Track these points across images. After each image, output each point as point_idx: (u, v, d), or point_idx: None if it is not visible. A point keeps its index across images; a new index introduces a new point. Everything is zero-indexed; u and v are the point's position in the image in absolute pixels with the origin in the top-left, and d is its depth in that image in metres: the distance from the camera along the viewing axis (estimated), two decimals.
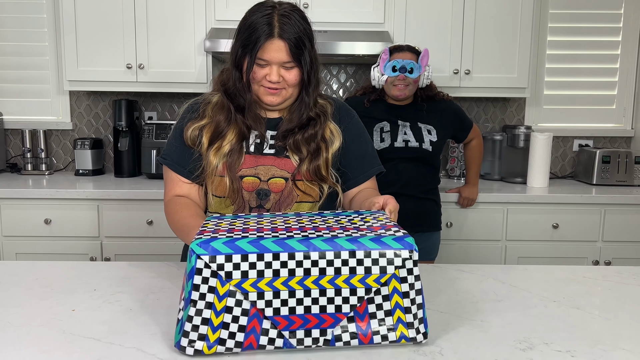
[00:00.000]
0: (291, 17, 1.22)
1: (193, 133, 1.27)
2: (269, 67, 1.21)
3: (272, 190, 1.26)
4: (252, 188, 1.26)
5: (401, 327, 0.84)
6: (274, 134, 1.29)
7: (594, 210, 2.48)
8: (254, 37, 1.20)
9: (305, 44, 1.23)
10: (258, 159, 1.27)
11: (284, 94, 1.25)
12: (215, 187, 1.25)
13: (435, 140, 2.10)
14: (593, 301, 1.09)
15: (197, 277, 0.79)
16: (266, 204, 1.27)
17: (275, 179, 1.26)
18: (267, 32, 1.19)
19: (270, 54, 1.20)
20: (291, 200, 1.28)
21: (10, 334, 0.89)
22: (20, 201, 2.38)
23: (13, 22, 2.89)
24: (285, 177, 1.26)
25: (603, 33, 2.98)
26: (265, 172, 1.26)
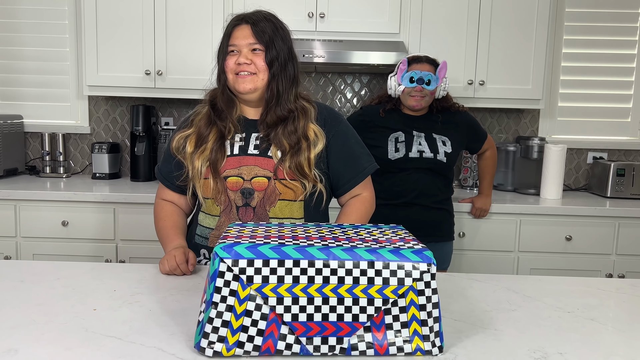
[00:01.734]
0: (260, 12, 1.38)
1: (178, 143, 1.38)
2: (238, 53, 1.32)
3: (256, 189, 1.31)
4: (236, 187, 1.32)
5: (417, 339, 0.85)
6: (258, 135, 1.36)
7: (608, 223, 2.46)
8: (225, 32, 1.35)
9: (271, 33, 1.33)
10: (241, 160, 1.33)
11: (255, 80, 1.32)
12: (203, 190, 1.34)
13: (449, 151, 2.10)
14: (607, 313, 1.09)
15: (219, 280, 0.81)
16: (251, 202, 1.32)
17: (258, 178, 1.31)
18: (235, 20, 1.35)
19: (237, 40, 1.32)
20: (274, 199, 1.32)
21: (34, 331, 0.91)
22: (38, 203, 2.43)
23: (35, 28, 2.96)
24: (267, 176, 1.31)
25: (618, 45, 2.98)
26: (248, 172, 1.32)
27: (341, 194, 1.44)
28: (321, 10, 2.60)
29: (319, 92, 3.03)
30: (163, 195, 1.48)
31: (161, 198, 1.48)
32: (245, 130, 1.37)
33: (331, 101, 3.03)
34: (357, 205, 1.43)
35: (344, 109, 3.04)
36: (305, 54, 2.48)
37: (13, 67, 2.99)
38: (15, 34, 2.96)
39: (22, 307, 1.02)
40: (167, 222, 1.43)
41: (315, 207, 1.39)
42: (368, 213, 1.45)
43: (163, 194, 1.48)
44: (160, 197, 1.49)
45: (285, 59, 1.34)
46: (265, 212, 1.33)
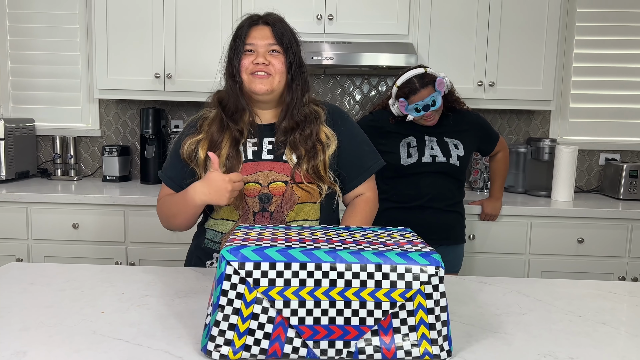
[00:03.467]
0: (274, 15, 1.38)
1: (189, 148, 1.34)
2: (255, 53, 1.31)
3: (274, 194, 1.31)
4: (253, 194, 1.31)
5: (425, 343, 0.84)
6: (271, 140, 1.35)
7: (621, 226, 2.43)
8: (239, 31, 1.33)
9: (289, 36, 1.34)
10: (257, 165, 1.32)
11: (271, 82, 1.30)
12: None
13: (462, 154, 2.09)
14: (619, 317, 1.07)
15: (225, 283, 0.81)
16: (269, 207, 1.31)
17: (275, 183, 1.31)
18: (252, 20, 1.34)
19: (255, 39, 1.31)
20: (293, 203, 1.32)
21: (43, 333, 0.92)
22: (49, 206, 2.45)
23: (47, 32, 2.99)
24: (285, 180, 1.31)
25: (630, 45, 2.95)
26: (265, 177, 1.31)
27: (345, 192, 1.43)
28: (330, 12, 2.60)
29: (328, 94, 3.02)
30: (168, 193, 1.42)
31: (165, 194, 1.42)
32: (257, 135, 1.35)
33: (340, 103, 3.03)
34: (362, 206, 1.42)
35: (352, 111, 3.03)
36: (314, 55, 2.48)
37: (25, 71, 3.03)
38: (27, 38, 3.00)
39: (32, 310, 1.03)
40: (174, 195, 1.37)
41: (329, 208, 1.39)
42: (372, 214, 1.45)
43: (168, 192, 1.42)
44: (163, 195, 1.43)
45: (300, 63, 1.35)
46: (283, 216, 1.32)
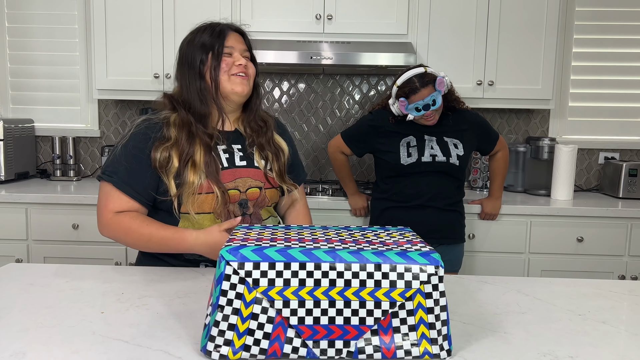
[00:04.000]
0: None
1: (163, 155, 1.28)
2: (234, 54, 1.36)
3: (250, 199, 1.36)
4: (234, 200, 1.34)
5: (425, 342, 0.84)
6: (239, 147, 1.39)
7: (620, 224, 2.43)
8: (216, 31, 1.35)
9: (251, 47, 1.44)
10: (235, 172, 1.35)
11: (249, 84, 1.38)
12: (199, 205, 1.29)
13: (462, 154, 2.09)
14: (619, 316, 1.07)
15: (225, 283, 0.81)
16: (247, 212, 1.36)
17: (252, 189, 1.37)
18: (227, 26, 1.38)
19: (233, 42, 1.37)
20: (263, 205, 1.40)
21: (42, 334, 0.92)
22: (49, 206, 2.45)
23: (46, 33, 2.98)
24: (259, 186, 1.38)
25: (629, 44, 2.95)
26: (243, 184, 1.35)
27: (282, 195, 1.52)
28: (329, 12, 2.60)
29: (327, 93, 3.02)
30: (116, 207, 1.29)
31: (113, 211, 1.29)
32: (225, 140, 1.37)
33: (339, 103, 3.03)
34: (306, 212, 1.57)
35: (352, 111, 3.03)
36: (313, 55, 2.48)
37: (24, 72, 3.02)
38: (25, 39, 2.99)
39: (31, 310, 1.03)
40: (153, 226, 1.27)
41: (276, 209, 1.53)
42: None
43: (115, 206, 1.29)
44: (112, 210, 1.29)
45: (257, 72, 1.44)
46: (258, 219, 1.39)
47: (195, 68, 1.34)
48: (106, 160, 1.33)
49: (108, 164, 1.32)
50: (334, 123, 3.04)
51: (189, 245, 1.26)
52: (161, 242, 1.28)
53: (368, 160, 3.05)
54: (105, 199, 1.29)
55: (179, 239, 1.26)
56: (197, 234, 1.25)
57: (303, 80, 3.03)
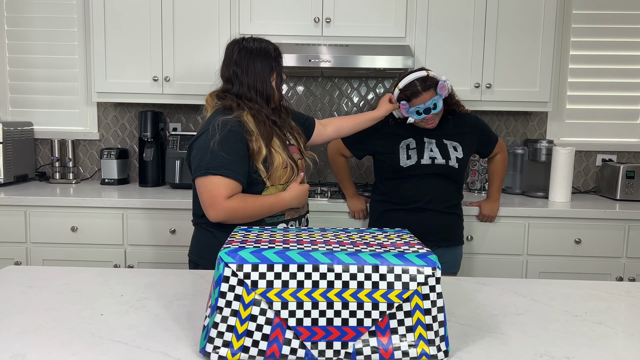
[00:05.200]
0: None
1: (257, 145, 1.53)
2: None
3: (300, 169, 1.66)
4: (301, 169, 1.68)
5: (422, 344, 0.84)
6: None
7: (618, 226, 2.44)
8: (280, 57, 1.69)
9: None
10: (290, 149, 1.65)
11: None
12: (279, 179, 1.58)
13: (461, 157, 2.09)
14: (616, 317, 1.08)
15: (224, 285, 0.82)
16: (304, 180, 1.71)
17: (299, 160, 1.68)
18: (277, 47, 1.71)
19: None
20: (302, 172, 1.69)
21: (42, 336, 0.92)
22: (48, 209, 2.45)
23: (45, 36, 2.99)
24: (300, 157, 1.70)
25: (627, 47, 2.96)
26: (295, 157, 1.65)
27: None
28: (327, 15, 2.61)
29: (326, 96, 3.03)
30: (229, 192, 1.48)
31: (227, 196, 1.48)
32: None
33: (338, 105, 3.04)
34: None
35: (350, 113, 3.04)
36: (312, 58, 2.49)
37: (23, 75, 3.03)
38: (25, 42, 3.00)
39: (30, 312, 1.03)
40: (259, 199, 1.56)
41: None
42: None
43: (229, 190, 1.48)
44: (225, 196, 1.48)
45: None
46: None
47: (270, 78, 1.64)
48: (200, 161, 1.50)
49: (207, 161, 1.48)
50: None
51: (287, 202, 1.59)
52: (271, 208, 1.56)
53: (367, 162, 3.05)
54: (215, 189, 1.47)
55: (281, 200, 1.58)
56: (288, 192, 1.60)
57: (302, 83, 3.03)
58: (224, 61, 1.67)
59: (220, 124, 1.51)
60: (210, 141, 1.49)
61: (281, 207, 1.59)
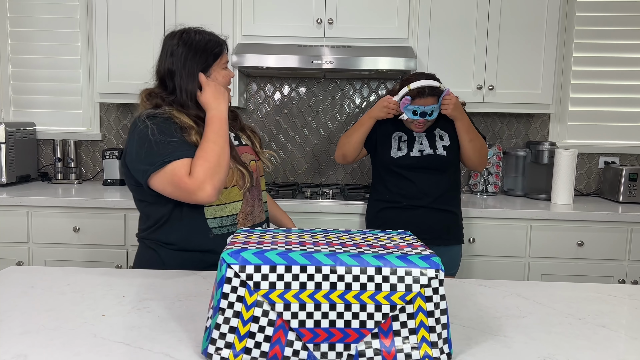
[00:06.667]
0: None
1: (196, 138, 1.37)
2: (227, 68, 1.52)
3: (252, 170, 1.51)
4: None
5: (425, 346, 0.84)
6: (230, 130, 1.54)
7: (621, 229, 2.44)
8: (218, 50, 1.47)
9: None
10: (239, 150, 1.51)
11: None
12: (230, 177, 1.42)
13: (448, 144, 2.11)
14: (619, 320, 1.07)
15: (226, 286, 0.82)
16: (254, 183, 1.51)
17: (252, 162, 1.54)
18: (224, 42, 1.51)
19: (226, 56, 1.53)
20: (259, 175, 1.57)
21: (44, 337, 0.92)
22: (50, 209, 2.45)
23: (48, 36, 3.00)
24: (254, 159, 1.56)
25: (629, 49, 2.96)
26: (247, 159, 1.52)
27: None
28: (330, 16, 2.61)
29: (328, 97, 3.03)
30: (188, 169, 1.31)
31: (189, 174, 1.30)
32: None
33: (340, 107, 3.04)
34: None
35: (352, 114, 3.04)
36: (314, 60, 2.49)
37: (26, 75, 3.04)
38: (27, 42, 3.01)
39: (32, 313, 1.03)
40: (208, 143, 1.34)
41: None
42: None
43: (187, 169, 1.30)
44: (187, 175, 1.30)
45: None
46: (259, 189, 1.56)
47: (192, 71, 1.43)
48: (145, 159, 1.32)
49: (154, 156, 1.31)
50: (335, 127, 3.05)
51: (214, 112, 1.39)
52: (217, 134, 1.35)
53: (368, 163, 3.05)
54: (177, 177, 1.29)
55: (211, 120, 1.37)
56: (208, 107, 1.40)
57: (304, 84, 3.04)
58: (160, 55, 1.47)
59: (149, 115, 1.37)
60: (147, 136, 1.32)
61: (220, 121, 1.36)
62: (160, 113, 1.38)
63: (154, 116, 1.37)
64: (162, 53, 1.46)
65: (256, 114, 3.06)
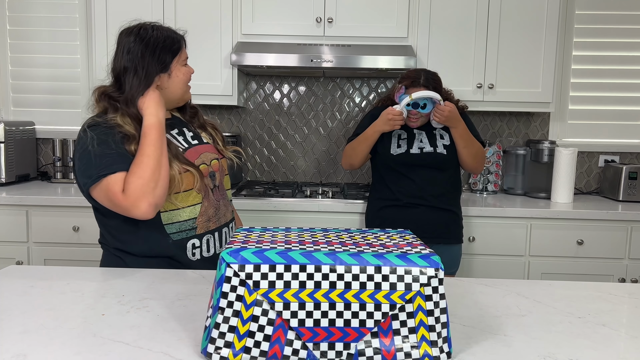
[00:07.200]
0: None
1: (135, 147, 1.32)
2: (187, 64, 1.47)
3: (215, 170, 1.48)
4: (206, 173, 1.45)
5: (425, 345, 0.84)
6: (186, 129, 1.51)
7: (620, 227, 2.44)
8: (176, 45, 1.43)
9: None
10: (196, 150, 1.46)
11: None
12: (180, 182, 1.36)
13: (448, 143, 2.11)
14: (619, 319, 1.07)
15: (225, 285, 0.82)
16: (216, 182, 1.48)
17: (214, 161, 1.49)
18: (182, 37, 1.46)
19: (186, 52, 1.47)
20: (223, 174, 1.53)
21: (43, 336, 0.92)
22: (49, 209, 2.45)
23: (47, 36, 2.99)
24: (216, 157, 1.51)
25: (629, 47, 2.96)
26: (207, 158, 1.48)
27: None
28: (329, 15, 2.60)
29: (328, 96, 3.03)
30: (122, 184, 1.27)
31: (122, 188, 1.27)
32: (175, 126, 1.48)
33: (340, 105, 3.03)
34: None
35: (352, 113, 3.04)
36: (314, 58, 2.48)
37: (25, 74, 3.03)
38: (27, 41, 3.00)
39: (32, 312, 1.03)
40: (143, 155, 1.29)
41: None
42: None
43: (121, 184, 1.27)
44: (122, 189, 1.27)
45: None
46: (223, 188, 1.52)
47: (149, 70, 1.38)
48: (84, 171, 1.30)
49: (91, 169, 1.29)
50: (335, 126, 3.05)
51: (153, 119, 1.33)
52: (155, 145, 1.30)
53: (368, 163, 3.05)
54: (111, 192, 1.26)
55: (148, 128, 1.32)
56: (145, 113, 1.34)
57: (303, 83, 3.03)
58: (116, 53, 1.42)
59: (91, 125, 1.35)
60: (87, 148, 1.30)
61: (157, 131, 1.31)
62: (103, 122, 1.35)
63: (97, 125, 1.34)
64: (118, 50, 1.40)
65: (255, 113, 3.06)
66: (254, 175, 3.10)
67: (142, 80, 1.36)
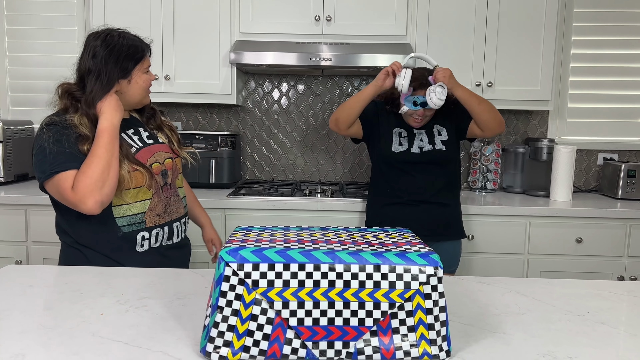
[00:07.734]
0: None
1: (88, 147, 1.40)
2: (149, 72, 1.56)
3: (168, 168, 1.57)
4: (158, 171, 1.53)
5: (424, 343, 0.84)
6: (142, 129, 1.58)
7: (619, 225, 2.44)
8: (140, 53, 1.50)
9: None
10: (150, 149, 1.54)
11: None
12: (129, 181, 1.44)
13: (446, 139, 2.12)
14: (618, 317, 1.07)
15: (224, 284, 0.81)
16: (168, 180, 1.56)
17: (167, 160, 1.57)
18: (147, 46, 1.54)
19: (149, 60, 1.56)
20: (177, 174, 1.61)
21: (42, 336, 0.92)
22: (48, 208, 2.43)
23: (45, 35, 2.99)
24: (170, 157, 1.60)
25: (628, 45, 2.96)
26: (160, 157, 1.56)
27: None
28: (328, 13, 2.60)
29: (327, 95, 3.03)
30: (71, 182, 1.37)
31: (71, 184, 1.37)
32: (132, 126, 1.56)
33: (339, 104, 3.03)
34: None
35: None
36: (313, 57, 2.48)
37: (23, 73, 3.03)
38: (25, 40, 3.00)
39: (31, 312, 1.03)
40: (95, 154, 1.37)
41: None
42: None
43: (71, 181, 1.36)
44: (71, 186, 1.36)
45: None
46: (175, 186, 1.60)
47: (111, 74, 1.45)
48: (40, 166, 1.40)
49: (45, 165, 1.38)
50: None
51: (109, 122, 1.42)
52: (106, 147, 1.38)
53: (367, 161, 3.05)
54: (61, 188, 1.37)
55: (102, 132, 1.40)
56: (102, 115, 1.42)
57: (302, 82, 3.03)
58: (82, 54, 1.48)
59: (48, 123, 1.43)
60: (43, 144, 1.39)
61: (110, 134, 1.39)
62: (60, 121, 1.43)
63: (54, 124, 1.43)
64: (84, 52, 1.47)
65: (254, 112, 3.05)
66: (252, 174, 3.10)
67: (103, 84, 1.44)
